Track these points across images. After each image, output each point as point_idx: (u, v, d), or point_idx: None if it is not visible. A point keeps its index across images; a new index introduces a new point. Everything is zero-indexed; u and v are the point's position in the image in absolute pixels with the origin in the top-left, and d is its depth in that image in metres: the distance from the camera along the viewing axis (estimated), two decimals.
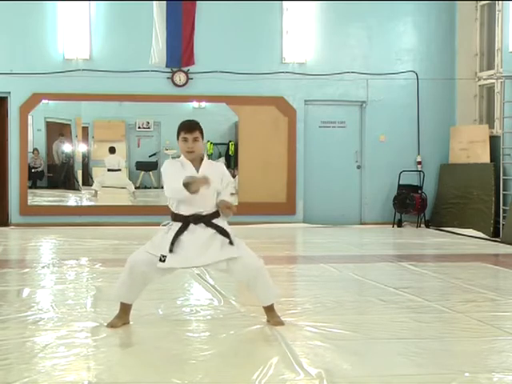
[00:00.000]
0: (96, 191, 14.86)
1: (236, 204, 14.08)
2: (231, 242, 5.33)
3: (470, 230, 13.09)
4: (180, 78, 14.05)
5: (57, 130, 15.27)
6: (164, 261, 5.25)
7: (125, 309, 5.53)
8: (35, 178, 14.63)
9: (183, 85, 14.05)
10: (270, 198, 13.99)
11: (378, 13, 14.41)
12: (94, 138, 15.05)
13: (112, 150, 15.00)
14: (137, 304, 6.32)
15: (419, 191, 14.30)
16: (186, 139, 5.31)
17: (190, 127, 5.34)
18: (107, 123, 15.19)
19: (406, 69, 14.56)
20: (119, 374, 4.33)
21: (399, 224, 14.37)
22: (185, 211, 5.31)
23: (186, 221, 5.30)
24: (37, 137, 14.67)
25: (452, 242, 11.95)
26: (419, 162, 14.58)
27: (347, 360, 4.62)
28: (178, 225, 5.32)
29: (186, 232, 5.29)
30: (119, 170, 15.05)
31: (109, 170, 15.00)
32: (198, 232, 5.30)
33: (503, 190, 12.84)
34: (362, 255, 10.37)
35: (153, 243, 5.39)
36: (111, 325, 5.46)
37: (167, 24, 13.86)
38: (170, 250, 5.23)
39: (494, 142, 13.32)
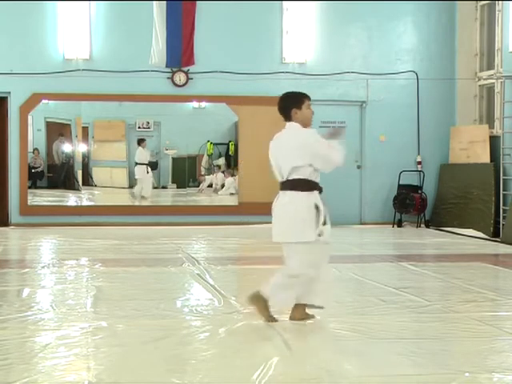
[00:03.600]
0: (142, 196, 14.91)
1: (236, 204, 14.24)
2: None
3: (470, 230, 13.08)
4: (180, 77, 14.05)
5: (57, 130, 15.26)
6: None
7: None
8: (35, 178, 14.62)
9: (183, 85, 14.05)
10: (270, 198, 13.84)
11: (378, 13, 14.41)
12: (93, 138, 15.04)
13: (140, 142, 14.99)
14: (137, 304, 6.34)
15: (419, 191, 14.29)
16: (310, 106, 5.66)
17: None
18: (107, 123, 15.18)
19: (406, 69, 14.55)
20: (119, 374, 4.33)
21: (399, 224, 14.36)
22: (317, 179, 5.57)
23: (320, 189, 5.58)
24: (37, 137, 14.66)
25: (452, 241, 11.95)
26: (419, 162, 14.57)
27: (347, 360, 4.63)
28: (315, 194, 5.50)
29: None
30: (145, 164, 14.98)
31: (137, 164, 14.97)
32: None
33: (503, 190, 12.83)
34: (362, 255, 10.38)
35: (304, 231, 5.43)
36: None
37: (167, 24, 13.86)
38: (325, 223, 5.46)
39: (494, 142, 13.32)
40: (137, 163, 14.88)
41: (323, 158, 5.53)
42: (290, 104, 5.63)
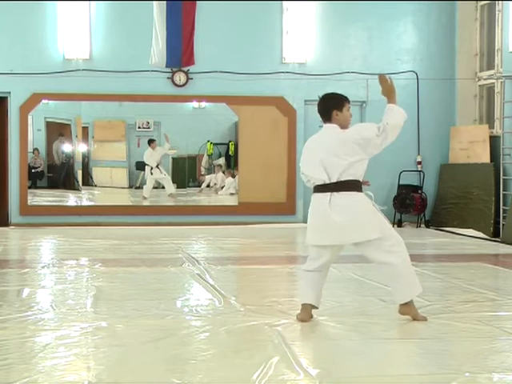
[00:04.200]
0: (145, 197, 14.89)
1: (236, 204, 14.24)
2: None
3: (470, 229, 13.07)
4: (180, 77, 14.05)
5: (57, 130, 15.27)
6: None
7: None
8: (35, 178, 14.63)
9: (183, 85, 14.05)
10: (270, 198, 13.98)
11: (378, 13, 14.40)
12: (93, 138, 15.05)
13: (150, 143, 14.92)
14: (137, 304, 6.34)
15: (419, 191, 14.28)
16: (349, 108, 5.74)
17: None
18: (107, 123, 15.18)
19: (406, 69, 14.54)
20: (119, 373, 4.33)
21: (399, 224, 14.35)
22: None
23: None
24: (37, 137, 14.66)
25: (452, 241, 11.94)
26: (419, 162, 14.57)
27: (347, 360, 4.63)
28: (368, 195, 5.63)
29: None
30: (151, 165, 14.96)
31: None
32: None
33: (503, 190, 12.83)
34: (362, 255, 10.34)
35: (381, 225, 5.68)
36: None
37: (167, 24, 13.85)
38: None
39: (494, 142, 13.32)
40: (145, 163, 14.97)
41: (378, 142, 5.54)
42: (332, 106, 5.71)
